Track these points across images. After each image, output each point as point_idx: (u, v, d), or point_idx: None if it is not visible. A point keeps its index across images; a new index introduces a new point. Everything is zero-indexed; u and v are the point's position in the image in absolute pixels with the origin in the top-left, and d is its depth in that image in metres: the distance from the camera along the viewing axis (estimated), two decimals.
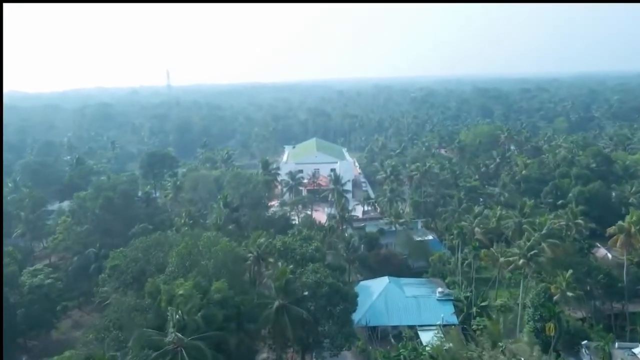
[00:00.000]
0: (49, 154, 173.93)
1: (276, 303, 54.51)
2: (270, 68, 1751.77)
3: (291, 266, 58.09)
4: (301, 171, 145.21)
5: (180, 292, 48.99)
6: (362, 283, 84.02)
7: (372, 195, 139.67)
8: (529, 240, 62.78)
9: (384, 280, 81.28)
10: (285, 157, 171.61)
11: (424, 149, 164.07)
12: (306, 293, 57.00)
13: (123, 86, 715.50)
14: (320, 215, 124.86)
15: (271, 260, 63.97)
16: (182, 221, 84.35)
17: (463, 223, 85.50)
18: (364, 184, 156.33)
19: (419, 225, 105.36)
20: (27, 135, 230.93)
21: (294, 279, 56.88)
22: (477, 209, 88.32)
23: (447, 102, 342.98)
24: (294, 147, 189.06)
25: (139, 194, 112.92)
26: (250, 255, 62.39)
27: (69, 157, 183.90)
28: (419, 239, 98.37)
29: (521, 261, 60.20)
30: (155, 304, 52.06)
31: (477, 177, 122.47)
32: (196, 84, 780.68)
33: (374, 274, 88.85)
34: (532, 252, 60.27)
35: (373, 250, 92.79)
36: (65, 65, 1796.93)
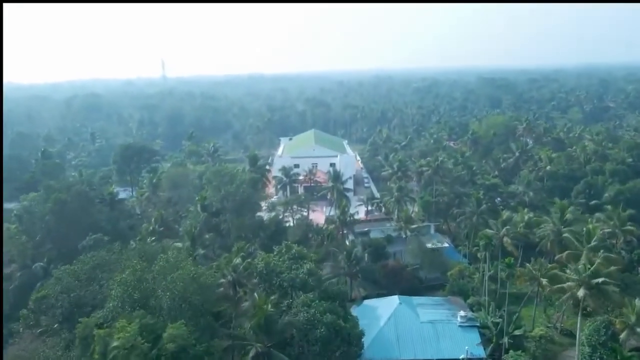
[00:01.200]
0: (24, 147, 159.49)
1: (253, 350, 40.39)
2: (269, 59, 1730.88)
3: (273, 298, 43.86)
4: (297, 166, 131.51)
5: (116, 343, 34.90)
6: (367, 303, 69.96)
7: (376, 193, 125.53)
8: (591, 264, 47.95)
9: (394, 300, 67.16)
10: (280, 151, 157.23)
11: (432, 141, 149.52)
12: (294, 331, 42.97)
13: (120, 77, 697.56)
14: (319, 215, 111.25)
15: (254, 281, 49.85)
16: (151, 228, 70.12)
17: (488, 231, 71.17)
18: (366, 180, 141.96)
19: (432, 229, 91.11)
20: (7, 127, 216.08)
21: (279, 315, 42.73)
22: (505, 214, 73.83)
23: (452, 92, 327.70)
24: (290, 140, 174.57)
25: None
26: (223, 280, 48.05)
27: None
28: (433, 246, 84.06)
29: (582, 292, 45.81)
30: (89, 354, 38.08)
31: (496, 173, 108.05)
32: (194, 75, 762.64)
33: (380, 288, 75.23)
34: (597, 281, 45.60)
35: (379, 261, 78.65)
36: (63, 57, 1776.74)
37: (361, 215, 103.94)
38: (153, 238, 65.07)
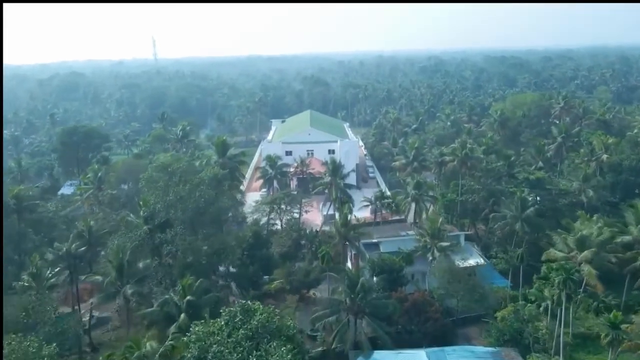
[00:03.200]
0: None
1: None
2: (268, 40, 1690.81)
3: None
4: (290, 153, 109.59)
5: None
6: (379, 357, 48.29)
7: (383, 187, 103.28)
8: None
9: (420, 358, 45.52)
10: (270, 135, 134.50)
11: (448, 123, 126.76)
12: None
13: (115, 59, 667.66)
14: (314, 215, 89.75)
15: None
16: (64, 250, 47.86)
17: (557, 253, 49.07)
18: (370, 170, 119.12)
19: (462, 239, 68.82)
20: None
21: None
22: (581, 227, 51.54)
23: (460, 71, 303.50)
24: (283, 122, 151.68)
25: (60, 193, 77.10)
26: None
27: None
28: (465, 264, 61.84)
29: None
30: None
31: (540, 164, 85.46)
32: (190, 57, 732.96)
33: (395, 325, 53.61)
34: None
35: (394, 289, 56.61)
36: (58, 38, 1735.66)
37: (366, 214, 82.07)
38: (57, 268, 42.78)
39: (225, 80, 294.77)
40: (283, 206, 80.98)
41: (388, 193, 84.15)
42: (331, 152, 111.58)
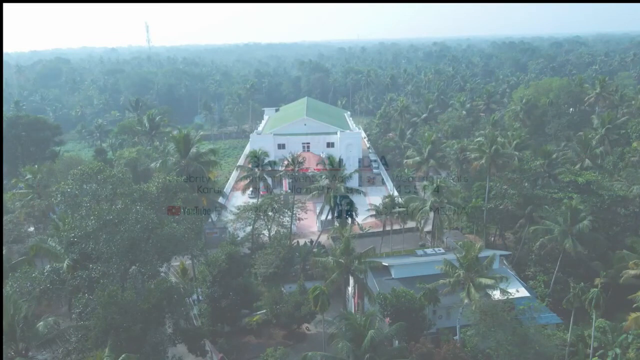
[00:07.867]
0: None
1: None
2: (267, 28, 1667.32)
3: None
4: (282, 147, 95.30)
5: None
6: None
7: (390, 187, 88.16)
8: None
9: None
10: (261, 126, 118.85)
11: (464, 112, 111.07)
12: None
13: (112, 46, 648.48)
14: (310, 222, 75.50)
15: None
16: None
17: None
18: (374, 165, 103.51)
19: (497, 261, 53.39)
20: None
21: None
22: None
23: (468, 57, 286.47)
24: (277, 111, 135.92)
25: None
26: None
27: None
28: (503, 296, 46.31)
29: None
30: None
31: (588, 162, 69.96)
32: (187, 44, 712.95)
33: None
34: None
35: (414, 337, 41.52)
36: (53, 26, 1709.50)
37: (371, 218, 66.83)
38: None
39: (218, 67, 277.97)
40: (271, 213, 66.20)
41: (399, 198, 68.87)
42: (330, 145, 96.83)
